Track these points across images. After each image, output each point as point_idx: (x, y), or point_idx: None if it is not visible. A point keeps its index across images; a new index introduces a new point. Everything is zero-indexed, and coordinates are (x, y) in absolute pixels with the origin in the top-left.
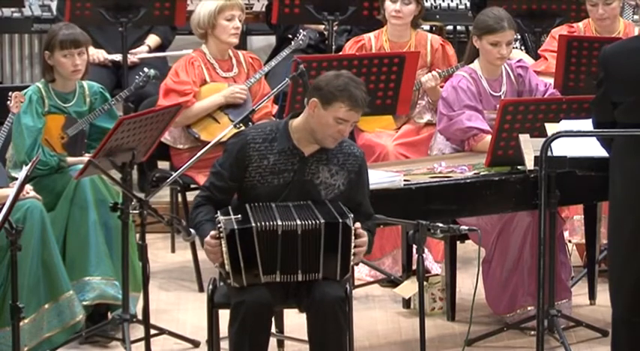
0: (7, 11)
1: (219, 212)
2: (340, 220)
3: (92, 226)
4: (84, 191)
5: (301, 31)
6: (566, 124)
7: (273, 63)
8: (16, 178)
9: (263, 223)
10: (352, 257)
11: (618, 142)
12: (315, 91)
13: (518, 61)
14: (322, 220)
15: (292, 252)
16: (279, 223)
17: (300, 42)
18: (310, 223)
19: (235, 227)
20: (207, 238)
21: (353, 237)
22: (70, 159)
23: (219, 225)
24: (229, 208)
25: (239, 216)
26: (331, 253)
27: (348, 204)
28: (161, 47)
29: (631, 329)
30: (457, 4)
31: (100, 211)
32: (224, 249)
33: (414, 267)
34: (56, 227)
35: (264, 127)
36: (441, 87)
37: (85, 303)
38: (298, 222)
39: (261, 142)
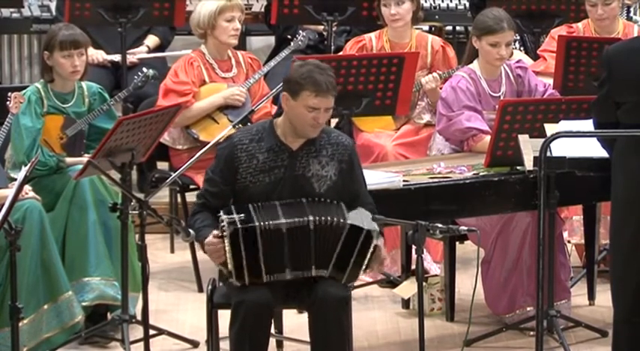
0: (6, 11)
1: (222, 211)
2: (365, 227)
3: (91, 226)
4: (83, 191)
5: (300, 31)
6: (565, 125)
7: (272, 63)
8: (16, 179)
9: (267, 223)
10: (363, 268)
11: (620, 143)
12: (284, 84)
13: (518, 61)
14: (348, 221)
15: (303, 248)
16: (283, 221)
17: (300, 43)
18: (327, 219)
19: (239, 226)
20: (209, 238)
21: (372, 249)
22: (69, 159)
23: (222, 224)
24: (232, 207)
25: (242, 215)
26: (345, 255)
27: (342, 194)
28: (160, 48)
29: (632, 330)
30: (456, 5)
31: (100, 212)
32: (227, 248)
33: (413, 267)
34: (55, 228)
35: (251, 129)
36: (441, 88)
37: (84, 304)
38: (310, 217)
39: (248, 143)
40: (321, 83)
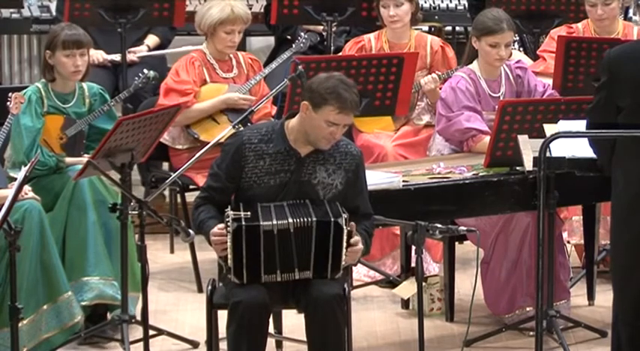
0: (6, 12)
1: (229, 207)
2: (332, 219)
3: (91, 226)
4: (82, 192)
5: (302, 33)
6: (564, 125)
7: (273, 65)
8: (15, 179)
9: (266, 223)
10: (344, 257)
11: (621, 144)
12: (306, 93)
13: (517, 61)
14: (314, 218)
15: (288, 250)
16: (275, 222)
17: (302, 45)
18: (302, 220)
19: (243, 224)
20: (214, 229)
21: (345, 237)
22: (68, 159)
23: (227, 219)
24: (240, 204)
25: (248, 213)
26: (322, 251)
27: (346, 204)
28: (160, 47)
29: (633, 331)
30: (456, 5)
31: (100, 212)
32: (229, 244)
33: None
34: (55, 228)
35: (260, 128)
36: (440, 89)
37: (83, 303)
38: (290, 220)
39: (257, 143)
40: (346, 101)
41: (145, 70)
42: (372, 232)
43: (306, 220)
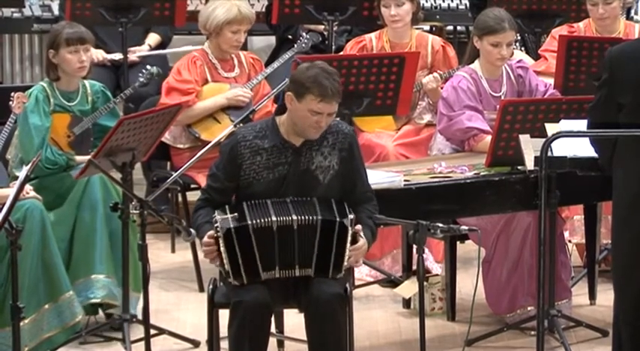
0: (7, 11)
1: (216, 212)
2: (338, 219)
3: (100, 225)
4: (93, 191)
5: (304, 33)
6: (565, 124)
7: (275, 65)
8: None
9: (259, 221)
10: (346, 258)
11: (621, 143)
12: (290, 84)
13: (519, 61)
14: (319, 217)
15: (289, 247)
16: (274, 219)
17: (303, 45)
18: (307, 218)
19: (231, 226)
20: (204, 239)
21: (350, 238)
22: (78, 158)
23: (215, 224)
24: (226, 207)
25: (235, 214)
26: (325, 250)
27: (344, 184)
28: (161, 45)
29: (634, 330)
30: (457, 5)
31: (109, 211)
32: (222, 248)
33: (414, 267)
34: (63, 226)
35: (255, 126)
36: (441, 88)
37: (94, 300)
38: (294, 217)
39: (251, 139)
40: (327, 88)
41: (148, 67)
42: (375, 220)
43: (310, 218)
